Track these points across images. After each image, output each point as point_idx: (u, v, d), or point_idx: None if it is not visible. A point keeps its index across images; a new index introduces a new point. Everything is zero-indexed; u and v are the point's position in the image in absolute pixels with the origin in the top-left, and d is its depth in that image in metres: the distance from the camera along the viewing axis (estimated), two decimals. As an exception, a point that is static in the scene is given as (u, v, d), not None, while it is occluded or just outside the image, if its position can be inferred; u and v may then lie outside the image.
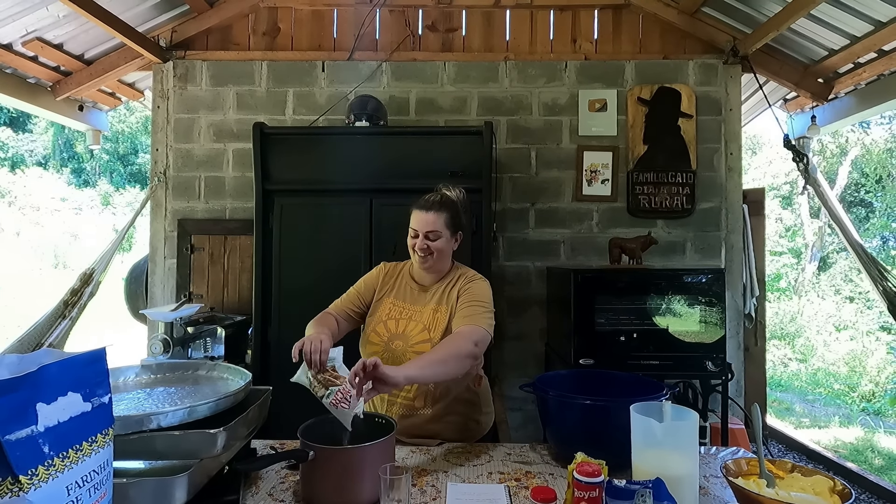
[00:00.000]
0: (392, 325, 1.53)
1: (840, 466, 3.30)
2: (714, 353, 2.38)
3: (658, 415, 1.07)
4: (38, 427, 0.64)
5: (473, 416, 1.57)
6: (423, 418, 1.48)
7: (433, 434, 1.48)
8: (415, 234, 1.52)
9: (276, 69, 3.10)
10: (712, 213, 3.04)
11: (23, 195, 12.28)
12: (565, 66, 3.08)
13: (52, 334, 2.77)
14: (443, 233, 1.51)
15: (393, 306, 1.56)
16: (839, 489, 0.97)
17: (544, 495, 0.99)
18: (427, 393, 1.47)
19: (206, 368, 1.32)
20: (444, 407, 1.49)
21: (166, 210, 3.08)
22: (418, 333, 1.49)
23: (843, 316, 7.75)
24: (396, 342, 1.48)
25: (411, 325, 1.51)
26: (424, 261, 1.52)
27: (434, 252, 1.51)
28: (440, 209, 1.53)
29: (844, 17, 2.58)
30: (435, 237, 1.50)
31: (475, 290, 1.52)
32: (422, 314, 1.52)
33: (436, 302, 1.53)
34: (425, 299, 1.55)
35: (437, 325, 1.49)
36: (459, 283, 1.55)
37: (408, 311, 1.54)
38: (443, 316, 1.50)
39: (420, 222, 1.51)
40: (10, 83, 2.98)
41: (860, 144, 9.27)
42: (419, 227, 1.51)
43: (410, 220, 1.54)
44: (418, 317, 1.52)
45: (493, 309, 1.52)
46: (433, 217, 1.51)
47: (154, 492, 0.89)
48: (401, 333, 1.50)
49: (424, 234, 1.50)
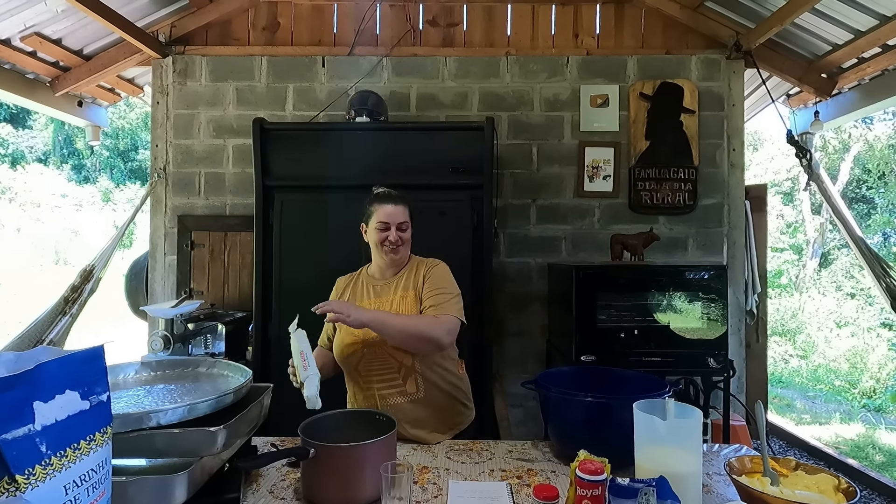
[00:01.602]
0: None
1: (841, 463, 3.30)
2: (716, 350, 2.37)
3: (661, 412, 1.06)
4: (35, 426, 0.64)
5: (460, 398, 1.61)
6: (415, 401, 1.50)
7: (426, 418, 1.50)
8: (385, 227, 1.56)
9: (276, 64, 3.08)
10: (714, 209, 3.02)
11: (23, 191, 12.26)
12: (567, 62, 3.06)
13: (53, 331, 2.77)
14: (408, 223, 1.59)
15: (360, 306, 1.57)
16: (844, 487, 0.96)
17: (547, 493, 0.98)
18: (416, 376, 1.50)
19: (207, 365, 1.31)
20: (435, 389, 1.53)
21: (166, 206, 3.07)
22: None
23: (844, 312, 7.75)
24: (371, 339, 1.50)
25: None
26: (396, 252, 1.57)
27: (404, 243, 1.57)
28: (404, 201, 1.60)
29: (849, 12, 2.56)
30: (406, 227, 1.57)
31: (437, 277, 1.57)
32: (389, 304, 1.56)
33: (401, 289, 1.57)
34: (389, 291, 1.59)
35: (408, 308, 1.53)
36: (420, 269, 1.59)
37: (374, 304, 1.58)
38: (411, 300, 1.54)
39: (390, 215, 1.56)
40: (8, 79, 2.97)
41: (863, 140, 9.24)
42: (390, 219, 1.56)
43: (374, 215, 1.58)
44: (386, 307, 1.55)
45: (458, 292, 1.57)
46: (402, 209, 1.58)
47: (154, 490, 0.88)
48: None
49: (397, 225, 1.55)
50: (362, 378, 1.53)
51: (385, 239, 1.55)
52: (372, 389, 1.51)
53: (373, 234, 1.58)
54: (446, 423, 1.55)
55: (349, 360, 1.54)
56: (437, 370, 1.54)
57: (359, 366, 1.53)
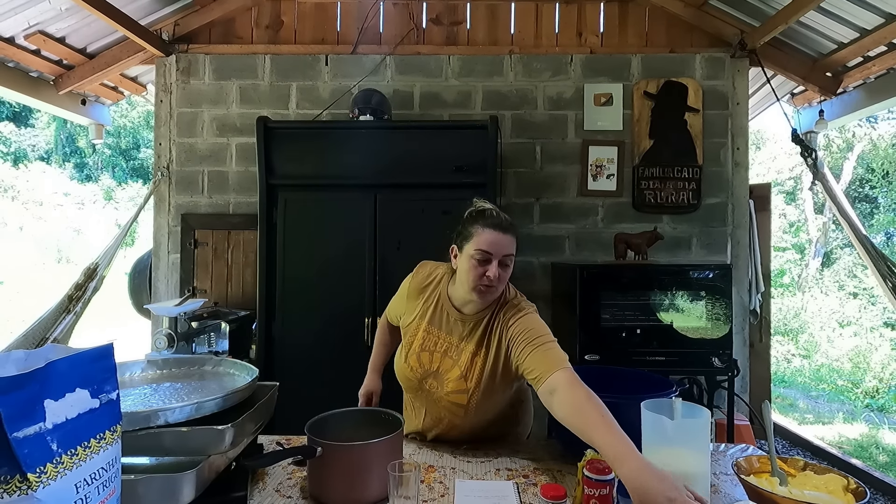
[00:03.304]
0: (426, 357, 1.37)
1: (845, 463, 3.29)
2: (720, 349, 2.37)
3: (669, 412, 1.06)
4: (46, 424, 0.63)
5: (509, 428, 1.51)
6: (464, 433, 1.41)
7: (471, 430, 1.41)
8: (485, 259, 1.24)
9: (279, 63, 3.08)
10: (718, 208, 3.02)
11: (26, 190, 12.28)
12: (571, 60, 3.06)
13: (57, 329, 2.77)
14: (513, 257, 1.28)
15: (427, 335, 1.38)
16: (853, 487, 0.95)
17: (554, 492, 0.98)
18: (470, 409, 1.34)
19: (213, 364, 1.31)
20: (486, 422, 1.41)
21: (170, 205, 3.07)
22: (455, 381, 1.33)
23: (847, 312, 7.73)
24: (430, 382, 1.37)
25: (446, 362, 1.35)
26: (489, 292, 1.27)
27: (502, 281, 1.27)
28: (514, 230, 1.28)
29: (854, 10, 2.55)
30: (509, 262, 1.27)
31: (534, 325, 1.26)
32: (458, 352, 1.33)
33: (475, 344, 1.32)
34: (462, 331, 1.34)
35: (475, 373, 1.31)
36: (506, 318, 1.29)
37: (443, 342, 1.36)
38: (481, 362, 1.31)
39: (496, 244, 1.23)
40: (12, 77, 2.97)
41: (867, 139, 9.21)
42: (495, 249, 1.23)
43: (474, 240, 1.25)
44: (454, 354, 1.34)
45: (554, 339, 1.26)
46: (510, 239, 1.26)
47: (162, 488, 0.88)
48: (435, 371, 1.36)
49: (500, 258, 1.24)
50: (425, 393, 1.40)
51: (482, 274, 1.24)
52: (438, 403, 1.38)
53: (465, 261, 1.26)
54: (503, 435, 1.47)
55: (410, 383, 1.42)
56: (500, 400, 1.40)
57: (423, 383, 1.39)
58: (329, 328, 2.55)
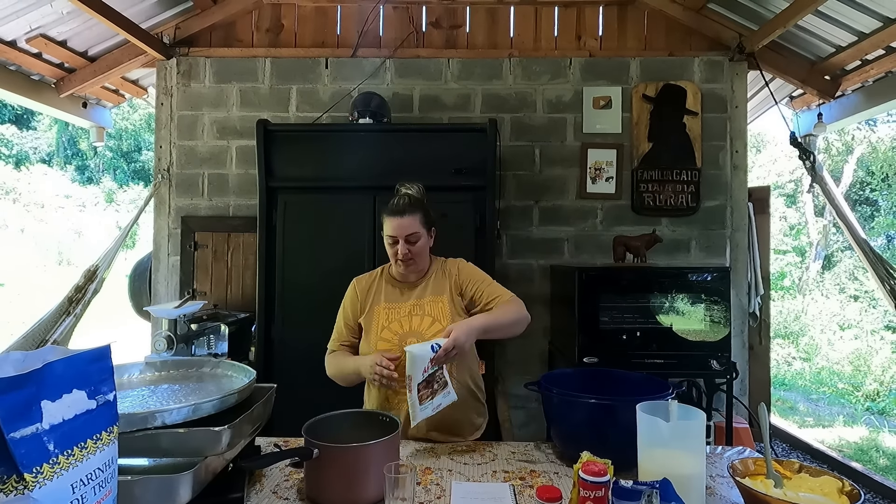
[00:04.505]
0: (397, 326, 1.52)
1: (845, 466, 3.29)
2: (719, 352, 2.37)
3: (664, 414, 1.06)
4: (43, 424, 0.64)
5: (481, 399, 1.62)
6: None
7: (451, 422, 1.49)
8: (394, 241, 1.51)
9: (279, 66, 3.09)
10: (717, 211, 3.02)
11: (27, 192, 12.32)
12: (570, 63, 3.07)
13: (57, 331, 2.78)
14: (421, 233, 1.52)
15: (388, 310, 1.55)
16: (847, 490, 0.96)
17: (550, 494, 0.98)
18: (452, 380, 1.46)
19: (211, 366, 1.32)
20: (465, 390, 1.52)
21: (170, 207, 3.08)
22: (430, 326, 1.49)
23: (848, 315, 7.72)
24: (410, 339, 1.47)
25: (415, 320, 1.51)
26: (408, 266, 1.53)
27: (415, 256, 1.52)
28: (413, 210, 1.52)
29: (852, 14, 2.56)
30: (415, 239, 1.51)
31: (471, 274, 1.58)
32: (421, 307, 1.53)
33: (430, 294, 1.55)
34: (415, 294, 1.56)
35: (443, 314, 1.50)
36: (445, 269, 1.58)
37: (405, 308, 1.54)
38: (444, 305, 1.52)
39: (397, 228, 1.50)
40: (14, 80, 2.99)
41: (866, 142, 9.22)
42: (397, 232, 1.50)
43: (384, 228, 1.53)
44: (419, 310, 1.52)
45: None
46: (409, 220, 1.51)
47: (159, 489, 0.89)
48: (412, 331, 1.50)
49: (405, 238, 1.49)
50: (398, 382, 1.46)
51: (396, 253, 1.51)
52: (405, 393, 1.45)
53: (386, 246, 1.55)
54: (470, 425, 1.55)
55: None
56: (466, 372, 1.53)
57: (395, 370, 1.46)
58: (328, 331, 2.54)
